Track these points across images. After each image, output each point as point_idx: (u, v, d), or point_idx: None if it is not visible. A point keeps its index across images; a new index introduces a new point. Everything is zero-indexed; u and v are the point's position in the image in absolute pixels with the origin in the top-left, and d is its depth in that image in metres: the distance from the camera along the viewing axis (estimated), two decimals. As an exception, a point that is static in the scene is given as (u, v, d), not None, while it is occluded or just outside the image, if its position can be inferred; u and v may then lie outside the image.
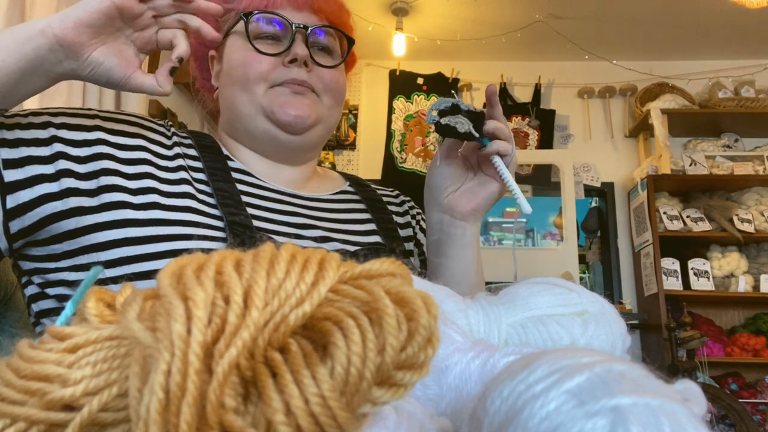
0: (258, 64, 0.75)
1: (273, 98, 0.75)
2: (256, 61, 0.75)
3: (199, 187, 0.71)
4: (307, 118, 0.76)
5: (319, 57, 0.78)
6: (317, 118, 0.77)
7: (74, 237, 0.64)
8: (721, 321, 3.38)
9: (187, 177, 0.71)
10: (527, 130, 3.77)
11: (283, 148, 0.79)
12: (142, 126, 0.73)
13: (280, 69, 0.75)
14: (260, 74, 0.75)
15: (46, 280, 0.66)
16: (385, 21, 3.40)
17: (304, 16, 0.77)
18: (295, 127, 0.76)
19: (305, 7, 0.76)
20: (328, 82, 0.78)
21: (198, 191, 0.71)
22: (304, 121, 0.76)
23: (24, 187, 0.62)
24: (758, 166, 3.38)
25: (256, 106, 0.76)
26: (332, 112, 0.81)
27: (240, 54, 0.76)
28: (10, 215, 0.61)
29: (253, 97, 0.75)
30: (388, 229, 0.85)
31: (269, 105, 0.75)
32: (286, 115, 0.75)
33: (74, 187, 0.64)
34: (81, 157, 0.65)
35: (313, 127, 0.78)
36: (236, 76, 0.76)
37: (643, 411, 0.22)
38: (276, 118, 0.75)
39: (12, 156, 0.62)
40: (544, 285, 0.47)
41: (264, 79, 0.75)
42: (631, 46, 3.65)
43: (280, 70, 0.75)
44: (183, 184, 0.70)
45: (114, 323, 0.28)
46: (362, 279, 0.25)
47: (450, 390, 0.35)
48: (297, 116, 0.75)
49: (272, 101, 0.75)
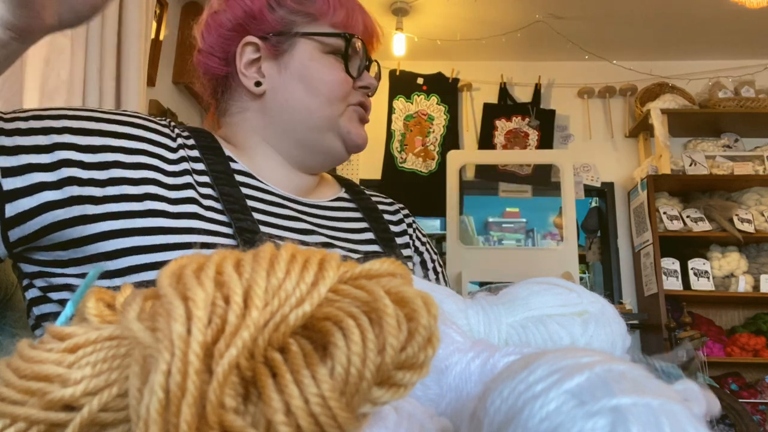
0: (346, 85, 0.78)
1: (349, 120, 0.80)
2: (345, 81, 0.78)
3: (204, 192, 0.69)
4: (366, 143, 0.83)
5: None
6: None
7: (80, 245, 0.63)
8: (721, 321, 3.38)
9: (192, 181, 0.69)
10: (527, 130, 3.77)
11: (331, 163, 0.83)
12: (146, 128, 0.70)
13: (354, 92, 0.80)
14: (343, 95, 0.78)
15: (50, 284, 0.65)
16: (385, 21, 3.40)
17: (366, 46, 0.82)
18: (359, 149, 0.82)
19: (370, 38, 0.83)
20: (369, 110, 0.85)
21: (202, 196, 0.69)
22: (365, 145, 0.83)
23: (24, 195, 0.60)
24: (758, 166, 3.38)
25: (333, 123, 0.78)
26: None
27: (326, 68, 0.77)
28: (9, 224, 0.60)
29: (332, 113, 0.78)
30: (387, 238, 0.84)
31: (346, 125, 0.79)
32: (359, 137, 0.80)
33: (78, 195, 0.62)
34: (85, 163, 0.63)
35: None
36: (319, 88, 0.77)
37: (643, 411, 0.23)
38: (350, 138, 0.80)
39: (11, 164, 0.60)
40: (544, 285, 0.47)
41: (344, 100, 0.79)
42: (631, 46, 3.65)
43: (355, 92, 0.80)
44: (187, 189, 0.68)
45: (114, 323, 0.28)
46: (362, 279, 0.25)
47: (450, 390, 0.35)
48: (365, 140, 0.82)
49: (349, 123, 0.80)
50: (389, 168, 3.75)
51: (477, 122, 3.85)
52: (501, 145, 3.76)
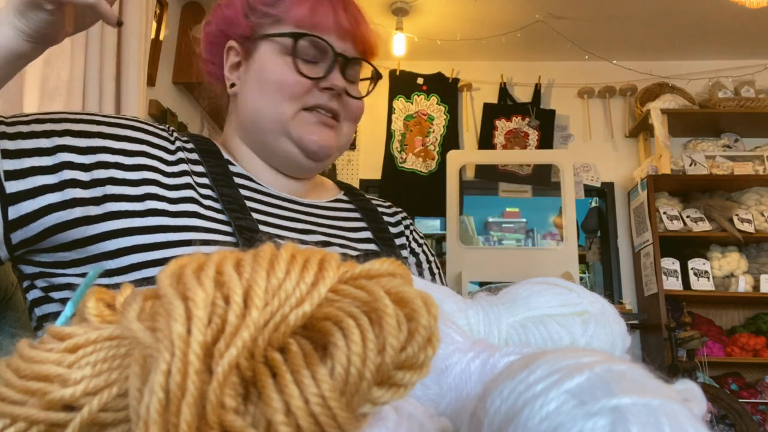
0: (297, 86, 0.74)
1: (301, 123, 0.76)
2: (296, 83, 0.74)
3: (203, 192, 0.71)
4: (329, 149, 0.78)
5: (349, 87, 0.79)
6: (337, 147, 0.80)
7: (82, 246, 0.64)
8: (721, 321, 3.38)
9: (191, 182, 0.71)
10: (527, 130, 3.77)
11: (298, 168, 0.80)
12: (146, 131, 0.72)
13: (314, 92, 0.76)
14: (295, 95, 0.75)
15: (51, 284, 0.66)
16: (385, 21, 3.40)
17: (345, 45, 0.77)
18: (317, 155, 0.78)
19: (349, 36, 0.77)
20: (353, 112, 0.80)
21: (202, 196, 0.70)
22: (327, 151, 0.78)
23: (27, 198, 0.61)
24: (758, 166, 3.38)
25: (283, 126, 0.75)
26: (347, 139, 0.83)
27: (278, 68, 0.75)
28: (11, 226, 0.61)
29: (282, 116, 0.75)
30: (384, 238, 0.85)
31: (296, 129, 0.75)
32: (312, 143, 0.76)
33: (79, 197, 0.63)
34: (85, 165, 0.65)
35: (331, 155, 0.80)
36: (269, 88, 0.75)
37: (643, 411, 0.22)
38: (302, 144, 0.76)
39: (14, 167, 0.61)
40: (544, 285, 0.47)
41: (296, 101, 0.75)
42: (631, 46, 3.65)
43: (315, 94, 0.76)
44: (186, 189, 0.70)
45: (114, 323, 0.28)
46: (362, 279, 0.25)
47: (450, 390, 0.35)
48: (322, 146, 0.77)
49: (300, 127, 0.76)
50: (389, 168, 3.75)
51: (477, 122, 3.85)
52: (501, 145, 3.76)
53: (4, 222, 0.60)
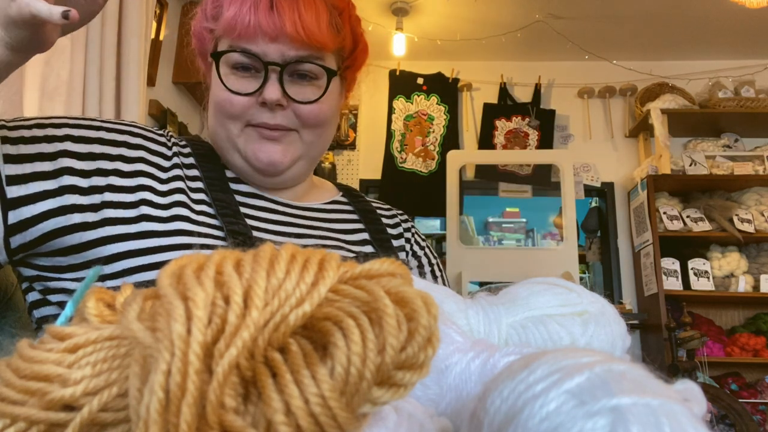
0: (231, 106, 0.71)
1: (246, 142, 0.73)
2: (229, 103, 0.71)
3: (196, 197, 0.71)
4: (279, 164, 0.73)
5: (297, 89, 0.71)
6: (293, 159, 0.74)
7: (79, 251, 0.64)
8: (721, 321, 3.38)
9: (183, 187, 0.71)
10: (527, 130, 3.77)
11: (261, 183, 0.78)
12: (144, 137, 0.73)
13: (254, 108, 0.71)
14: (233, 115, 0.72)
15: (47, 288, 0.67)
16: (385, 21, 3.40)
17: (280, 47, 0.69)
18: (268, 172, 0.74)
19: (280, 37, 0.68)
20: (306, 119, 0.73)
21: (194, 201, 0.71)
22: (277, 167, 0.73)
23: (27, 203, 0.62)
24: (758, 166, 3.38)
25: (232, 144, 0.74)
26: (315, 144, 0.76)
27: (217, 89, 0.72)
28: (11, 231, 0.61)
29: (229, 134, 0.73)
30: (381, 240, 0.84)
31: (243, 147, 0.73)
32: (258, 161, 0.72)
33: (78, 204, 0.64)
34: (85, 171, 0.65)
35: (292, 167, 0.75)
36: (214, 109, 0.74)
37: (643, 411, 0.22)
38: (250, 161, 0.73)
39: (16, 172, 0.61)
40: (544, 285, 0.47)
41: (238, 119, 0.72)
42: (631, 46, 3.65)
43: (254, 110, 0.71)
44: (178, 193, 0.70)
45: (114, 323, 0.28)
46: (362, 279, 0.25)
47: (450, 390, 0.35)
48: (269, 163, 0.72)
49: (246, 145, 0.73)
50: (389, 168, 3.75)
51: (477, 122, 3.85)
52: (501, 145, 3.76)
53: (4, 226, 0.61)
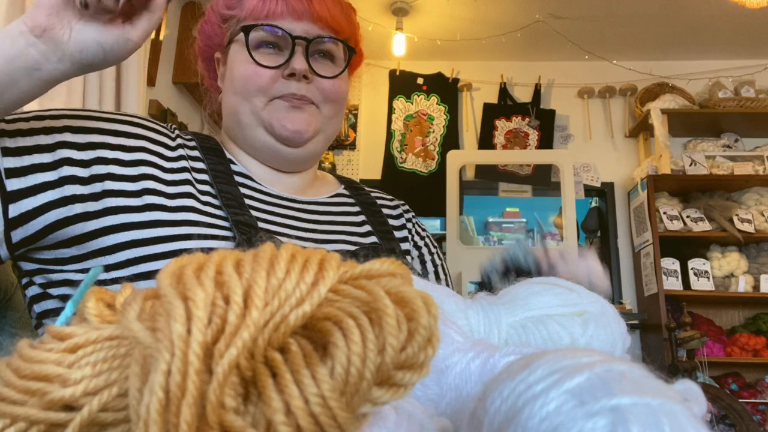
0: (258, 78, 0.75)
1: (272, 112, 0.76)
2: (256, 75, 0.75)
3: (202, 188, 0.72)
4: (305, 132, 0.77)
5: (320, 66, 0.77)
6: (316, 130, 0.78)
7: (82, 242, 0.64)
8: (721, 321, 3.38)
9: (190, 178, 0.71)
10: (527, 130, 3.77)
11: (283, 159, 0.80)
12: (145, 127, 0.73)
13: (279, 82, 0.75)
14: (260, 88, 0.75)
15: (48, 281, 0.66)
16: (385, 21, 3.40)
17: (305, 25, 0.75)
18: (293, 141, 0.77)
19: (305, 16, 0.75)
20: (329, 93, 0.78)
21: (200, 192, 0.71)
22: (302, 136, 0.77)
23: (27, 196, 0.61)
24: (758, 166, 3.38)
25: (257, 118, 0.76)
26: (332, 121, 0.81)
27: (241, 66, 0.76)
28: (12, 224, 0.61)
29: (253, 108, 0.76)
30: (384, 231, 0.85)
31: (268, 119, 0.76)
32: (284, 129, 0.76)
33: (79, 194, 0.63)
34: (84, 161, 0.65)
35: (312, 139, 0.79)
36: (238, 86, 0.76)
37: (643, 411, 0.22)
38: (275, 131, 0.76)
39: (15, 165, 0.61)
40: (544, 285, 0.47)
41: (264, 93, 0.75)
42: (631, 46, 3.64)
43: (280, 84, 0.75)
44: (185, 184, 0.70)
45: (114, 323, 0.28)
46: (362, 279, 0.25)
47: (450, 390, 0.35)
48: (295, 131, 0.76)
49: (271, 115, 0.76)
50: (389, 168, 3.75)
51: (477, 122, 3.85)
52: (501, 145, 3.76)
53: (4, 220, 0.60)
